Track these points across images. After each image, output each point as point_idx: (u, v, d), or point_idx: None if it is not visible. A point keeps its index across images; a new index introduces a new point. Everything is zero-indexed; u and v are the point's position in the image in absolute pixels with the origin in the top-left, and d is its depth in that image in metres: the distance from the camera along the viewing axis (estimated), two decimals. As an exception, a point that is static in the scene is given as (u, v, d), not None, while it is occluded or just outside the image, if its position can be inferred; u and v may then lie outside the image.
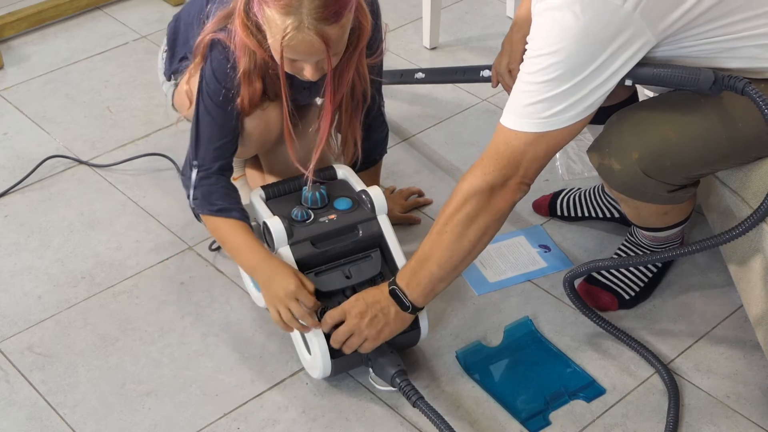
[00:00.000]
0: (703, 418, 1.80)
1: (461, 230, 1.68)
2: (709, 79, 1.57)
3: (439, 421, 1.69)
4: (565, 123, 1.59)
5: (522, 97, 1.60)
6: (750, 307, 1.80)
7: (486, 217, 1.67)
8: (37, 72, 2.77)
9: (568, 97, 1.56)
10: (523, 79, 1.60)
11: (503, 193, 1.66)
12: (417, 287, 1.73)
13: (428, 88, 2.67)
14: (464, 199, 1.66)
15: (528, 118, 1.60)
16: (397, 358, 1.77)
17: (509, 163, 1.63)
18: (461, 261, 1.72)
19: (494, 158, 1.64)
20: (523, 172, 1.64)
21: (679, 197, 1.77)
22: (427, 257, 1.72)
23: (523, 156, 1.63)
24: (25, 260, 2.15)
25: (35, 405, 1.83)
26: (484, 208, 1.66)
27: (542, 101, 1.57)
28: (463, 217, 1.67)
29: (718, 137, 1.66)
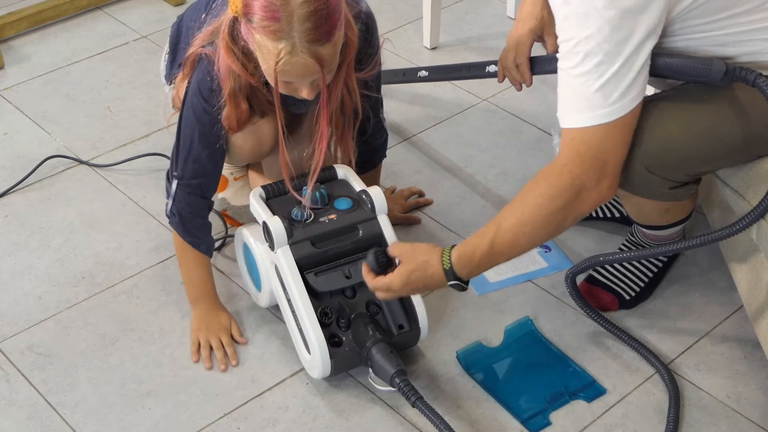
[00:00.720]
0: (703, 418, 1.80)
1: (540, 230, 1.62)
2: (720, 69, 1.57)
3: (439, 421, 1.69)
4: (630, 105, 1.55)
5: (580, 90, 1.55)
6: (750, 306, 1.80)
7: (569, 220, 1.62)
8: (37, 72, 2.77)
9: (623, 76, 1.52)
10: (567, 75, 1.56)
11: (595, 195, 1.60)
12: (477, 272, 1.69)
13: (428, 88, 2.67)
14: (549, 200, 1.60)
15: (596, 110, 1.55)
16: (396, 358, 1.77)
17: (596, 161, 1.58)
18: (527, 251, 1.68)
19: (578, 160, 1.58)
20: (611, 168, 1.59)
21: (681, 194, 1.77)
22: (500, 253, 1.65)
23: (606, 150, 1.57)
24: (26, 260, 2.15)
25: (35, 405, 1.83)
26: (570, 210, 1.60)
27: (601, 88, 1.53)
28: (546, 219, 1.60)
29: (721, 134, 1.66)
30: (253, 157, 2.05)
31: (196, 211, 1.93)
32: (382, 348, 1.78)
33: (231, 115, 1.83)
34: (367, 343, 1.79)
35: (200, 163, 1.89)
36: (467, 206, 2.28)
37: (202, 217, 1.94)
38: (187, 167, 1.89)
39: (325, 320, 1.80)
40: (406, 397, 1.73)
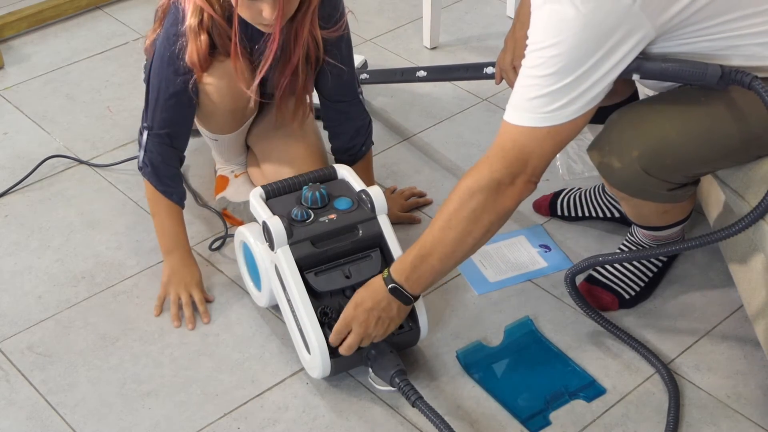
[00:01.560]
0: (703, 418, 1.80)
1: (466, 227, 1.67)
2: (716, 73, 1.57)
3: (439, 420, 1.69)
4: (569, 116, 1.58)
5: (525, 91, 1.59)
6: (750, 305, 1.80)
7: (491, 215, 1.66)
8: (37, 72, 2.77)
9: (570, 90, 1.55)
10: (524, 73, 1.59)
11: (511, 191, 1.65)
12: (417, 281, 1.73)
13: (428, 88, 2.67)
14: (469, 196, 1.65)
15: (533, 113, 1.59)
16: (396, 358, 1.77)
17: (517, 160, 1.62)
18: (463, 256, 1.72)
19: (500, 155, 1.63)
20: (531, 169, 1.63)
21: (680, 196, 1.77)
22: (429, 253, 1.71)
23: (530, 152, 1.61)
24: (26, 260, 2.15)
25: (35, 405, 1.83)
26: (491, 206, 1.65)
27: (545, 95, 1.56)
28: (468, 214, 1.66)
29: (719, 136, 1.66)
30: (232, 105, 2.05)
31: (167, 160, 1.99)
32: (381, 348, 1.78)
33: (192, 49, 1.90)
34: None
35: (169, 113, 1.95)
36: (467, 206, 2.28)
37: (173, 167, 2.01)
38: (156, 117, 1.95)
39: (325, 320, 1.80)
40: (406, 397, 1.73)
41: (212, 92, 1.99)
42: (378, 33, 2.94)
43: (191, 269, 2.03)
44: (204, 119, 2.12)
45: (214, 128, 2.15)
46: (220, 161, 2.29)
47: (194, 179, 2.37)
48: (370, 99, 2.65)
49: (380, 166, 2.41)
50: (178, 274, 2.01)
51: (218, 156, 2.28)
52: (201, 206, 2.28)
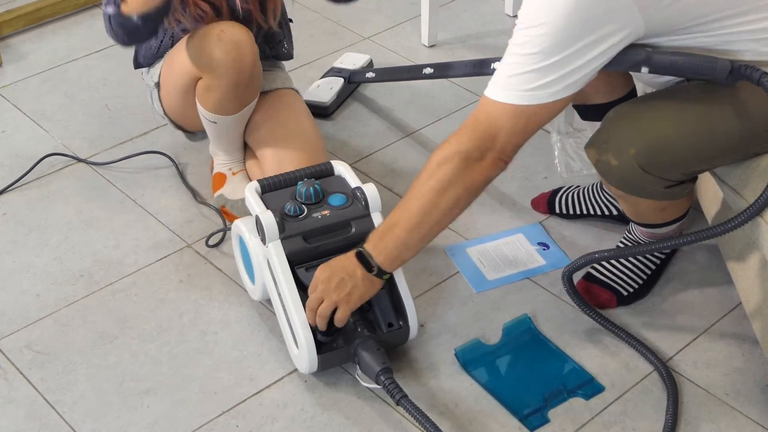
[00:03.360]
0: (701, 416, 1.80)
1: (432, 197, 1.66)
2: (725, 68, 1.57)
3: (424, 419, 1.69)
4: (545, 99, 1.58)
5: (507, 68, 1.60)
6: (748, 303, 1.80)
7: (458, 188, 1.65)
8: (35, 70, 2.77)
9: (551, 72, 1.56)
10: (509, 51, 1.60)
11: (479, 166, 1.64)
12: (383, 251, 1.73)
13: (427, 86, 2.67)
14: (437, 166, 1.65)
15: (510, 89, 1.59)
16: (383, 356, 1.77)
17: (486, 135, 1.62)
18: (429, 229, 1.70)
19: (472, 128, 1.64)
20: (500, 146, 1.63)
21: (677, 193, 1.77)
22: (396, 222, 1.70)
23: (501, 128, 1.61)
24: (24, 258, 2.15)
25: (34, 403, 1.83)
26: (458, 178, 1.64)
27: (525, 73, 1.57)
28: (435, 185, 1.65)
29: (716, 133, 1.66)
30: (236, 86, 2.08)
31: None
32: (369, 345, 1.78)
33: None
34: (354, 340, 1.79)
35: None
36: (465, 204, 2.28)
37: None
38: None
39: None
40: (391, 395, 1.73)
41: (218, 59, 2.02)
42: (376, 31, 2.94)
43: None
44: (206, 93, 2.11)
45: (214, 104, 2.13)
46: (219, 155, 2.28)
47: (192, 177, 2.37)
48: (370, 96, 2.65)
49: (379, 163, 2.41)
50: None
51: (216, 146, 2.26)
52: (200, 203, 2.28)
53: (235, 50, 2.02)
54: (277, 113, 2.23)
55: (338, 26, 2.96)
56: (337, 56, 2.77)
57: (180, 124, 2.32)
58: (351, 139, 2.48)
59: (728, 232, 1.65)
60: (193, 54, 2.06)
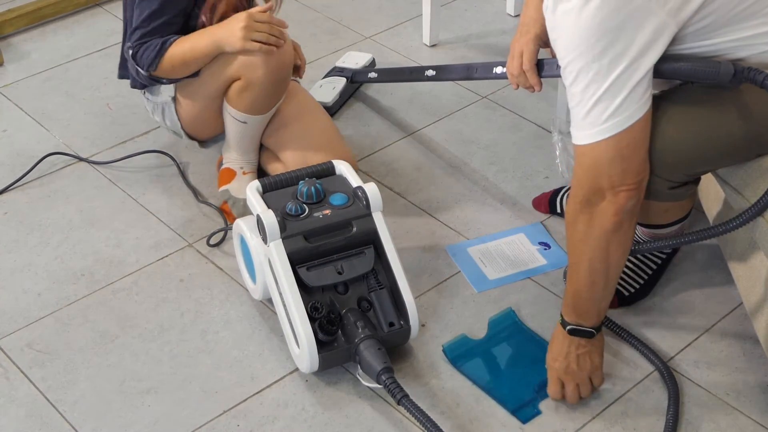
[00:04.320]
0: (702, 416, 1.80)
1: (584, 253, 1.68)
2: (729, 71, 1.57)
3: (424, 419, 1.69)
4: (627, 123, 1.58)
5: (577, 110, 1.60)
6: (749, 302, 1.80)
7: (597, 232, 1.65)
8: (36, 69, 2.77)
9: (615, 95, 1.55)
10: (569, 92, 1.61)
11: (607, 208, 1.63)
12: (585, 312, 1.75)
13: (428, 86, 2.67)
14: (571, 225, 1.68)
15: (594, 127, 1.59)
16: (384, 355, 1.77)
17: (592, 176, 1.62)
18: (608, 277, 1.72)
19: (583, 179, 1.64)
20: (608, 181, 1.61)
21: (680, 194, 1.77)
22: (576, 290, 1.73)
23: (608, 166, 1.60)
24: (25, 257, 2.15)
25: (35, 402, 1.83)
26: (590, 227, 1.65)
27: (593, 107, 1.57)
28: (585, 244, 1.67)
29: (720, 135, 1.66)
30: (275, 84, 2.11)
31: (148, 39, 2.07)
32: (370, 345, 1.78)
33: None
34: (355, 339, 1.79)
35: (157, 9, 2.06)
36: (467, 203, 2.28)
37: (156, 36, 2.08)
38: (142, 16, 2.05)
39: (315, 315, 1.80)
40: (392, 395, 1.73)
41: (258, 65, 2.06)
42: (377, 30, 2.93)
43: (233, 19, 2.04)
44: (241, 94, 2.12)
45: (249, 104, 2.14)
46: (233, 154, 2.27)
47: (194, 176, 2.37)
48: (372, 96, 2.65)
49: (380, 163, 2.41)
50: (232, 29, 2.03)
51: (236, 147, 2.25)
52: (201, 203, 2.28)
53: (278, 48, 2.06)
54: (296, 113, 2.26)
55: (339, 26, 2.96)
56: (339, 56, 2.77)
57: (196, 134, 2.32)
58: (352, 138, 2.48)
59: (729, 231, 1.65)
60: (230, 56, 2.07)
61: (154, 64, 2.07)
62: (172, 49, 2.06)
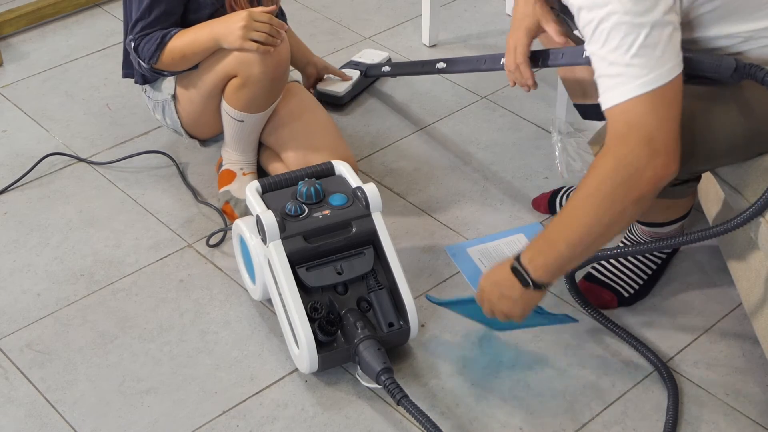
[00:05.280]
0: (702, 416, 1.80)
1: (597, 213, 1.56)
2: (730, 66, 1.55)
3: (424, 419, 1.69)
4: (670, 75, 1.49)
5: (615, 65, 1.50)
6: (749, 303, 1.80)
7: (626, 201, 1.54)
8: (36, 69, 2.77)
9: (653, 44, 1.48)
10: (600, 55, 1.52)
11: (649, 173, 1.51)
12: (543, 266, 1.65)
13: (428, 86, 2.67)
14: (599, 181, 1.55)
15: (630, 82, 1.49)
16: (383, 356, 1.77)
17: (640, 138, 1.50)
18: (593, 244, 1.62)
19: (621, 140, 1.52)
20: (661, 145, 1.50)
21: (681, 191, 1.77)
22: (558, 238, 1.62)
23: (648, 125, 1.50)
24: (24, 258, 2.15)
25: (34, 402, 1.83)
26: (624, 193, 1.53)
27: (634, 57, 1.48)
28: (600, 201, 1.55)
29: (720, 132, 1.66)
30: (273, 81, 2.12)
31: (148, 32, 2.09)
32: (369, 345, 1.78)
33: None
34: (355, 339, 1.79)
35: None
36: (466, 204, 2.28)
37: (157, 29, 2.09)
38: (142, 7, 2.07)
39: (315, 315, 1.80)
40: (392, 395, 1.73)
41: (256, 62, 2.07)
42: (377, 31, 2.94)
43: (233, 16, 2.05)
44: (238, 92, 2.12)
45: (245, 102, 2.14)
46: (232, 155, 2.27)
47: (193, 177, 2.37)
48: (372, 96, 2.65)
49: (379, 163, 2.41)
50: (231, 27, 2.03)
51: (234, 147, 2.26)
52: (200, 203, 2.28)
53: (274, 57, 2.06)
54: (296, 111, 2.26)
55: (339, 26, 2.96)
56: (339, 55, 2.77)
57: (196, 133, 2.32)
58: (352, 138, 2.48)
59: (729, 231, 1.65)
60: (227, 53, 2.08)
61: (155, 57, 2.08)
62: (173, 42, 2.07)
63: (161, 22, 2.09)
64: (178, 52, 2.08)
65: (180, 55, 2.09)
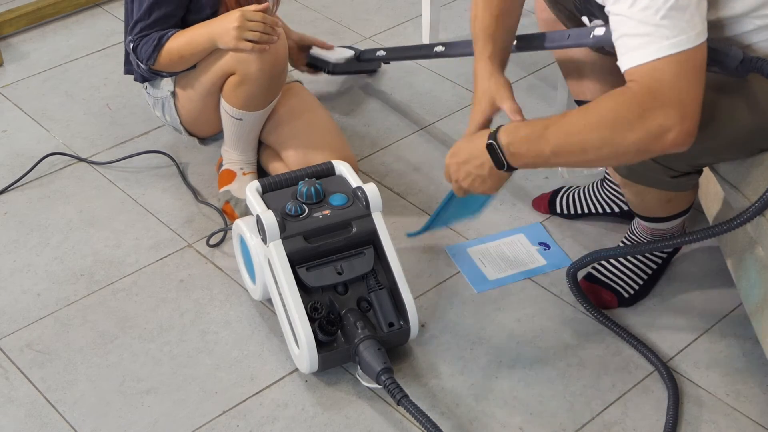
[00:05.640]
0: (702, 416, 1.80)
1: (602, 131, 1.51)
2: (737, 57, 1.54)
3: (424, 419, 1.69)
4: (698, 40, 1.47)
5: (646, 22, 1.46)
6: (749, 303, 1.80)
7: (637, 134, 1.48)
8: (36, 69, 2.77)
9: (683, 6, 1.45)
10: (628, 14, 1.47)
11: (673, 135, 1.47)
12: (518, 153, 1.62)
13: (428, 86, 2.67)
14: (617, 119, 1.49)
15: (659, 42, 1.45)
16: (383, 356, 1.77)
17: (673, 99, 1.46)
18: (576, 161, 1.59)
19: (652, 97, 1.46)
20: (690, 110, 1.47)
21: (683, 184, 1.77)
22: (548, 136, 1.58)
23: (680, 88, 1.46)
24: (25, 258, 2.15)
25: (34, 402, 1.83)
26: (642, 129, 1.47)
27: (666, 16, 1.45)
28: (612, 121, 1.49)
29: (724, 125, 1.66)
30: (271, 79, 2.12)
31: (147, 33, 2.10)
32: (369, 345, 1.78)
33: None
34: (355, 339, 1.79)
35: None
36: (466, 204, 2.29)
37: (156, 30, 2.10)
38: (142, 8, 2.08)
39: (315, 315, 1.80)
40: (392, 395, 1.73)
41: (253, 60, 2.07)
42: (377, 31, 2.94)
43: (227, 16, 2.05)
44: (236, 89, 2.12)
45: (244, 100, 2.14)
46: (232, 154, 2.27)
47: (193, 177, 2.37)
48: (372, 96, 2.65)
49: (379, 163, 2.41)
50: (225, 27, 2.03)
51: (233, 146, 2.25)
52: (201, 203, 2.28)
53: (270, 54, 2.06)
54: (297, 110, 2.26)
55: (339, 26, 2.96)
56: (338, 56, 2.77)
57: (195, 131, 2.32)
58: (352, 138, 2.48)
59: (730, 230, 1.65)
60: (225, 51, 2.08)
61: (152, 58, 2.09)
62: (170, 44, 2.08)
63: (160, 24, 2.09)
64: (175, 53, 2.09)
65: (177, 56, 2.09)
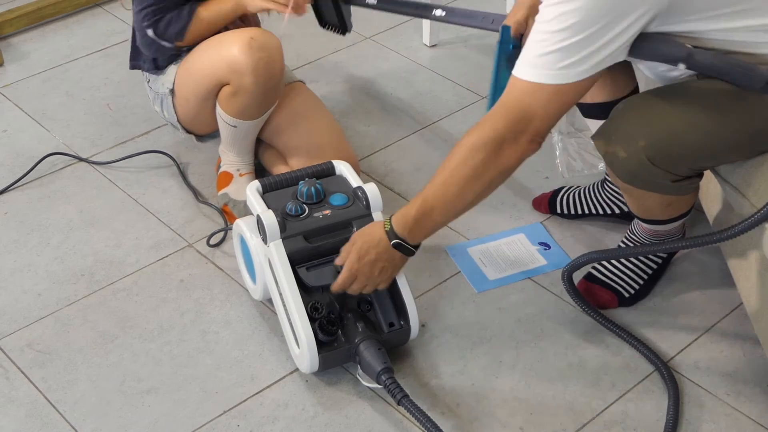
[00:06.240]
0: (702, 416, 1.80)
1: (466, 184, 1.68)
2: (763, 78, 1.58)
3: (424, 419, 1.70)
4: (576, 77, 1.58)
5: (536, 47, 1.59)
6: (749, 303, 1.80)
7: (493, 172, 1.68)
8: (36, 69, 2.77)
9: (581, 48, 1.55)
10: (538, 28, 1.59)
11: (513, 149, 1.65)
12: (419, 234, 1.76)
13: (429, 86, 2.67)
14: (471, 153, 1.66)
15: (542, 69, 1.59)
16: (384, 355, 1.77)
17: (520, 117, 1.63)
18: (463, 210, 1.75)
19: (504, 113, 1.64)
20: (534, 128, 1.63)
21: (684, 188, 1.77)
22: (432, 207, 1.72)
23: (535, 110, 1.62)
24: (25, 258, 2.15)
25: (35, 402, 1.83)
26: (492, 163, 1.66)
27: (556, 51, 1.56)
28: (470, 171, 1.67)
29: (725, 129, 1.66)
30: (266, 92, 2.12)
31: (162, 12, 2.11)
32: (369, 345, 1.78)
33: None
34: (355, 339, 1.79)
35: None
36: (467, 204, 2.28)
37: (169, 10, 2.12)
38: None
39: (315, 315, 1.80)
40: (392, 395, 1.73)
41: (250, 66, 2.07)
42: (377, 31, 2.94)
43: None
44: (231, 99, 2.12)
45: (238, 110, 2.14)
46: (229, 155, 2.27)
47: (193, 176, 2.37)
48: (372, 96, 2.65)
49: (380, 163, 2.41)
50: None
51: (229, 148, 2.26)
52: (201, 203, 2.28)
53: (267, 57, 2.06)
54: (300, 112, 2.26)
55: (339, 26, 2.95)
56: (339, 55, 2.77)
57: (193, 130, 2.33)
58: (352, 138, 2.48)
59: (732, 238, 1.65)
60: (220, 61, 2.08)
61: (182, 33, 2.12)
62: (198, 16, 2.11)
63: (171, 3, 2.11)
64: (204, 24, 2.13)
65: (206, 26, 2.14)
